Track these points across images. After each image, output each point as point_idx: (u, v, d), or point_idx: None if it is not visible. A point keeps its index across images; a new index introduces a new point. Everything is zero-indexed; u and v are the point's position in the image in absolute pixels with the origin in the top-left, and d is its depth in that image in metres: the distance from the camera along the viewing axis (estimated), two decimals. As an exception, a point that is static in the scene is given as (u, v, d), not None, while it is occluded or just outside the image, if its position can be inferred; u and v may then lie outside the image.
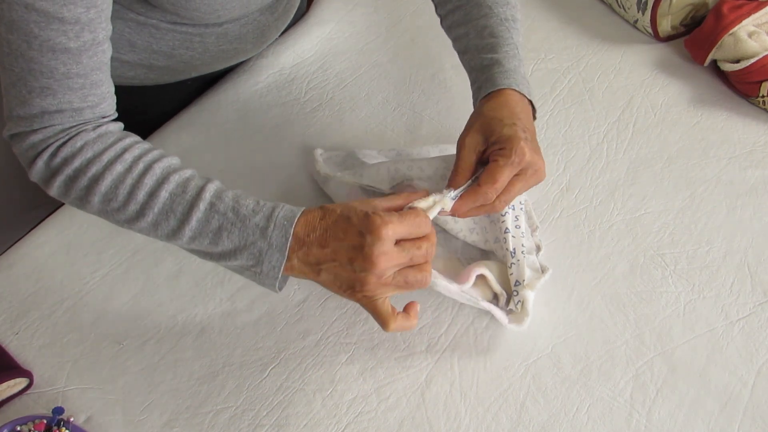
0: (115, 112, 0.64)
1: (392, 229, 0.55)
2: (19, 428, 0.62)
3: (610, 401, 0.67)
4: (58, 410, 0.63)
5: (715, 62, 0.93)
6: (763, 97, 0.88)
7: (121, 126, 0.64)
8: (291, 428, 0.65)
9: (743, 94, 0.90)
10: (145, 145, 0.63)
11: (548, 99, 0.91)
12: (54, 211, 0.80)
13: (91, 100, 0.61)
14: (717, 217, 0.79)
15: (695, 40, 0.93)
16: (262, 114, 0.89)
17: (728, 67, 0.90)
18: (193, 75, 0.87)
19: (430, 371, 0.69)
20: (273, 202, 0.60)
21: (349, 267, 0.56)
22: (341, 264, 0.56)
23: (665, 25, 0.96)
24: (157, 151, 0.63)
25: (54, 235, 0.77)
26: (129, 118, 0.67)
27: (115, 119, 0.64)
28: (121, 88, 0.66)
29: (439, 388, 0.68)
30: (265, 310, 0.72)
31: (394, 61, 0.95)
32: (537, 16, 1.01)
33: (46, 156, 0.61)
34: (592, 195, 0.81)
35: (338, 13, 1.00)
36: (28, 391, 0.67)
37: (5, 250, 0.77)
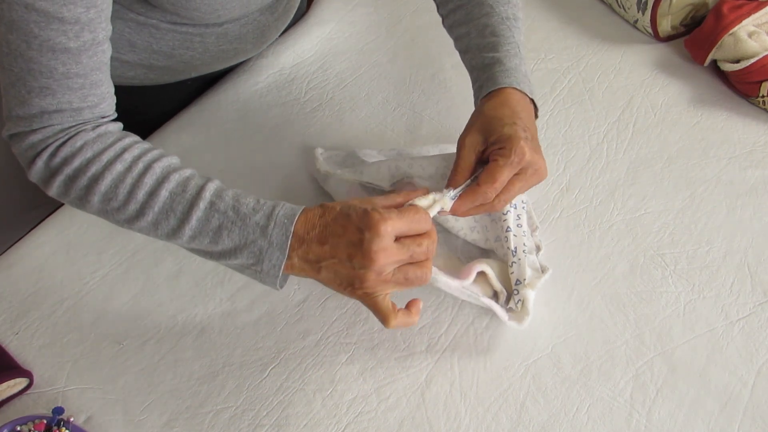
0: (115, 113, 0.64)
1: (391, 225, 0.55)
2: (19, 428, 0.62)
3: (610, 401, 0.67)
4: (58, 410, 0.63)
5: (715, 62, 0.93)
6: (763, 97, 0.88)
7: (120, 126, 0.64)
8: (291, 428, 0.65)
9: (743, 94, 0.90)
10: (145, 145, 0.63)
11: (548, 99, 0.91)
12: (54, 211, 0.80)
13: (91, 100, 0.61)
14: (717, 217, 0.79)
15: (695, 40, 0.93)
16: (262, 114, 0.89)
17: (728, 67, 0.90)
18: (193, 75, 0.87)
19: (430, 371, 0.69)
20: (273, 200, 0.60)
21: (349, 264, 0.56)
22: (340, 261, 0.56)
23: (665, 25, 0.95)
24: (156, 151, 0.62)
25: (54, 235, 0.77)
26: (129, 118, 0.67)
27: (115, 119, 0.64)
28: (121, 88, 0.66)
29: (439, 388, 0.67)
30: (265, 310, 0.72)
31: (394, 61, 0.95)
32: (537, 16, 1.01)
33: (45, 156, 0.61)
34: (592, 195, 0.81)
35: (338, 13, 1.00)
36: (28, 391, 0.67)
37: (5, 250, 0.77)
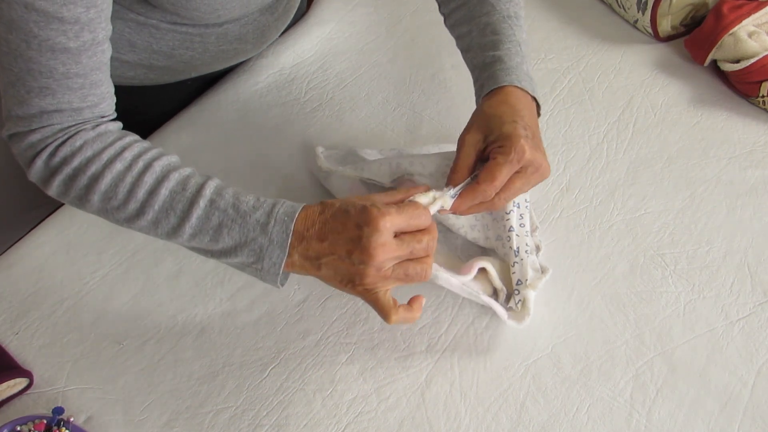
0: (114, 112, 0.64)
1: (390, 220, 0.55)
2: (19, 428, 0.62)
3: (610, 401, 0.67)
4: (58, 410, 0.63)
5: (715, 62, 0.93)
6: (763, 97, 0.88)
7: (120, 125, 0.64)
8: (291, 428, 0.65)
9: (743, 94, 0.90)
10: (145, 144, 0.63)
11: (548, 99, 0.91)
12: (54, 211, 0.80)
13: (91, 100, 0.61)
14: (717, 217, 0.79)
15: (695, 40, 0.93)
16: (262, 114, 0.89)
17: (728, 67, 0.90)
18: (193, 75, 0.87)
19: (430, 371, 0.69)
20: (273, 198, 0.60)
21: (348, 260, 0.56)
22: (340, 257, 0.56)
23: (665, 25, 0.95)
24: (156, 150, 0.62)
25: (54, 235, 0.77)
26: (129, 118, 0.67)
27: (115, 119, 0.64)
28: (121, 88, 0.66)
29: (439, 388, 0.67)
30: (265, 310, 0.72)
31: (394, 61, 0.95)
32: (537, 16, 1.01)
33: (45, 155, 0.60)
34: (592, 195, 0.81)
35: (338, 13, 1.00)
36: (28, 391, 0.67)
37: (5, 250, 0.77)
